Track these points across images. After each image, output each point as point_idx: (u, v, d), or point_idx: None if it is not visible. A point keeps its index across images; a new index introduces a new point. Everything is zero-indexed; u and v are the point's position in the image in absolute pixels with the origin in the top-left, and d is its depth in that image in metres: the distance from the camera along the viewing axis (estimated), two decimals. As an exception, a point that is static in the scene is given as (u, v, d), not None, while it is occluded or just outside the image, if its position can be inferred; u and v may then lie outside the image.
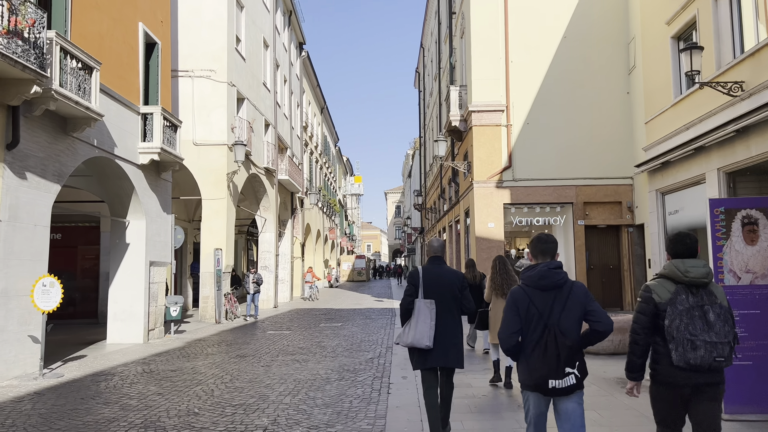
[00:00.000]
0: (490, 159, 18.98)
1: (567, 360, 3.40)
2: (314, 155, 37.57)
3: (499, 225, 18.78)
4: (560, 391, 3.42)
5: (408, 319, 5.07)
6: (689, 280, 3.39)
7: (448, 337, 5.01)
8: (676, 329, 3.31)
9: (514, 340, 3.55)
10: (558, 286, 3.55)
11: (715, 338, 3.28)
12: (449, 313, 5.06)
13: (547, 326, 3.46)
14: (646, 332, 3.48)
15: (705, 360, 3.26)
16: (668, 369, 3.39)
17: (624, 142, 19.03)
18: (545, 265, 3.60)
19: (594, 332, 3.52)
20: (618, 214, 19.03)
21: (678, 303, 3.35)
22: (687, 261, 3.46)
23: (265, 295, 23.41)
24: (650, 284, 3.59)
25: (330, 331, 14.94)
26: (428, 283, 5.09)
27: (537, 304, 3.52)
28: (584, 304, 3.54)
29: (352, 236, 69.91)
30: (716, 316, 3.31)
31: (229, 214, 18.46)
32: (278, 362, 10.08)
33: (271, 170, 23.21)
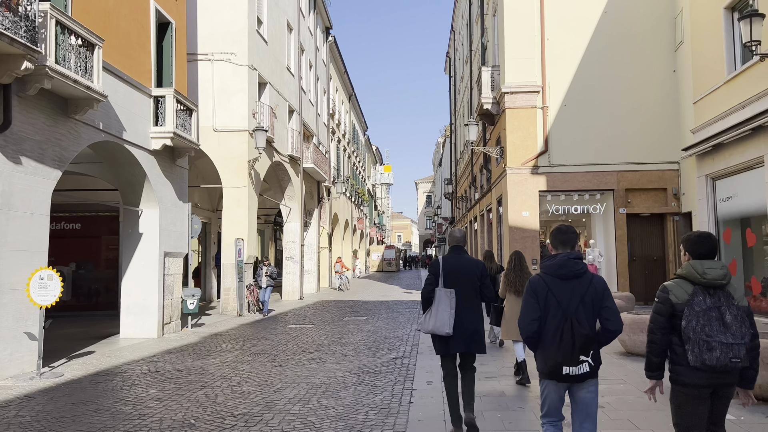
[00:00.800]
0: (524, 143, 17.86)
1: (582, 348, 3.47)
2: (342, 143, 36.80)
3: (534, 214, 17.68)
4: (574, 378, 3.51)
5: (429, 307, 5.21)
6: (707, 282, 3.38)
7: (468, 325, 5.12)
8: (692, 330, 3.31)
9: (535, 326, 3.60)
10: (577, 276, 3.62)
11: (731, 339, 3.26)
12: (469, 301, 5.16)
13: (565, 315, 3.52)
14: (663, 332, 3.47)
15: (721, 361, 3.25)
16: (687, 370, 3.38)
17: (669, 124, 17.68)
18: (565, 255, 3.66)
19: (604, 330, 3.58)
20: (663, 202, 17.72)
21: (695, 304, 3.34)
22: (705, 262, 3.44)
23: (291, 287, 22.80)
24: (668, 285, 3.55)
25: (353, 325, 14.15)
26: (448, 273, 5.20)
27: (555, 292, 3.59)
28: (602, 298, 3.59)
29: (382, 226, 69.14)
30: (733, 318, 3.30)
31: (251, 202, 17.79)
32: (294, 362, 9.31)
33: (296, 158, 22.48)
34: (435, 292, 5.19)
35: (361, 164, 48.84)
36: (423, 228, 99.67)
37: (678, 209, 17.52)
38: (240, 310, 16.97)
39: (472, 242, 30.23)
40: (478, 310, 5.25)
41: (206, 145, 17.48)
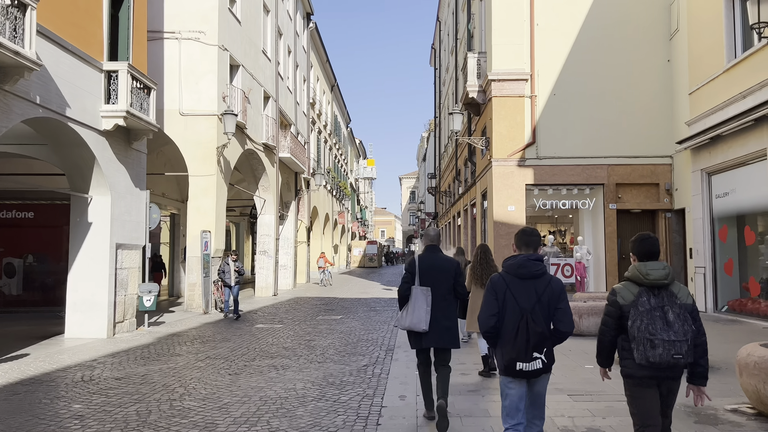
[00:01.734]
0: (511, 134, 16.91)
1: (536, 345, 3.60)
2: (323, 135, 35.63)
3: (520, 208, 16.76)
4: (527, 374, 3.63)
5: (405, 304, 5.36)
6: (650, 282, 3.53)
7: (443, 321, 5.28)
8: (637, 329, 3.45)
9: (492, 321, 3.72)
10: (535, 276, 3.75)
11: (673, 337, 3.40)
12: (444, 298, 5.31)
13: (522, 313, 3.64)
14: (612, 332, 3.66)
15: (664, 358, 3.39)
16: (634, 365, 3.53)
17: (663, 116, 16.84)
18: (525, 257, 3.81)
19: (556, 331, 3.73)
20: (654, 198, 16.90)
21: (640, 305, 3.49)
22: (648, 264, 3.60)
23: (264, 282, 21.69)
24: (616, 287, 3.71)
25: (326, 325, 13.10)
26: (424, 271, 5.34)
27: (514, 291, 3.72)
28: (558, 300, 3.73)
29: (364, 221, 68.06)
30: (675, 316, 3.44)
31: (219, 192, 16.63)
32: (251, 369, 8.23)
33: (271, 147, 21.31)
34: (411, 290, 5.34)
35: (344, 157, 47.69)
36: (407, 224, 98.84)
37: (670, 206, 16.70)
38: (206, 307, 15.82)
39: (455, 238, 29.32)
40: (452, 306, 5.40)
41: (172, 129, 16.29)
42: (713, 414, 5.56)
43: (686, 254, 16.27)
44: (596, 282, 17.29)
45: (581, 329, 10.65)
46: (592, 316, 10.64)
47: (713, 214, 14.68)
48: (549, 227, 24.27)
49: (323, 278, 28.41)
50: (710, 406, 5.79)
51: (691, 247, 15.59)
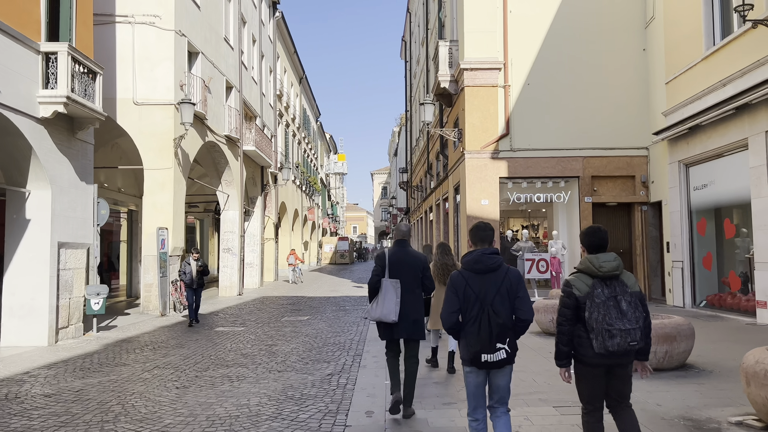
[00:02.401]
0: (484, 125, 16.29)
1: (498, 337, 3.71)
2: (291, 128, 34.63)
3: (493, 202, 16.17)
4: (492, 364, 3.73)
5: (375, 296, 5.50)
6: (603, 274, 3.66)
7: (412, 313, 5.45)
8: (595, 321, 3.59)
9: (455, 318, 3.84)
10: (492, 270, 3.85)
11: (628, 325, 3.56)
12: (412, 291, 5.48)
13: (482, 306, 3.75)
14: (570, 323, 3.75)
15: (621, 346, 3.55)
16: (590, 353, 3.66)
17: (639, 106, 16.43)
18: (481, 251, 3.92)
19: (517, 320, 3.82)
20: (630, 191, 16.48)
21: (595, 296, 3.62)
22: (600, 256, 3.73)
23: (228, 281, 20.74)
24: (570, 279, 3.80)
25: (291, 327, 12.30)
26: (394, 265, 5.50)
27: (473, 286, 3.82)
28: (516, 290, 3.83)
29: (336, 217, 67.13)
30: (628, 304, 3.61)
31: (177, 186, 15.64)
32: (203, 380, 7.41)
33: (234, 139, 20.34)
34: (381, 283, 5.48)
35: (313, 152, 46.70)
36: (379, 220, 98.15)
37: (647, 198, 16.31)
38: (163, 309, 14.86)
39: (427, 234, 28.70)
40: (419, 299, 5.58)
41: (125, 119, 15.25)
42: (716, 427, 4.97)
43: (663, 248, 15.90)
44: (572, 277, 16.80)
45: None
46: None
47: (691, 207, 14.30)
48: (522, 222, 23.82)
49: (294, 276, 27.58)
50: (712, 418, 5.20)
51: (668, 241, 15.21)
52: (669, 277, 15.09)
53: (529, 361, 7.84)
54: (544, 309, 10.19)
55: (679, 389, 6.26)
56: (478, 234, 4.04)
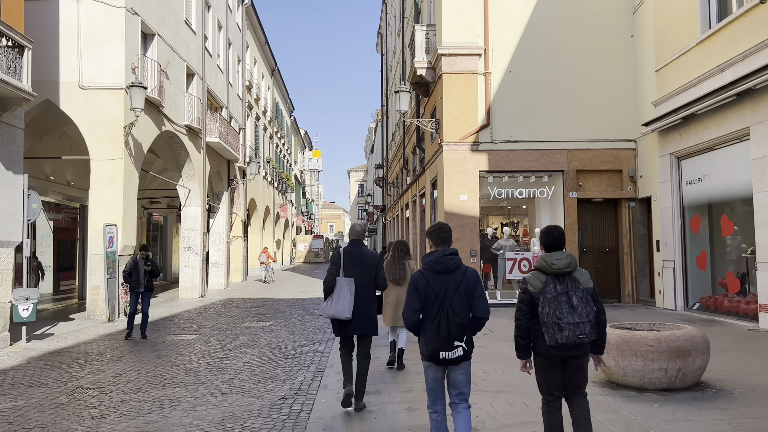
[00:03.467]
0: (463, 115, 15.19)
1: (456, 335, 3.82)
2: (261, 121, 33.20)
3: (473, 198, 15.08)
4: (450, 361, 3.86)
5: (330, 294, 5.65)
6: (555, 271, 3.87)
7: (365, 310, 5.65)
8: (546, 315, 3.79)
9: (416, 317, 3.95)
10: (451, 270, 3.98)
11: (577, 319, 3.74)
12: (366, 289, 5.69)
13: (441, 305, 3.88)
14: (527, 318, 3.94)
15: (570, 339, 3.74)
16: (544, 346, 3.88)
17: (626, 96, 15.49)
18: (441, 252, 4.04)
19: (474, 318, 3.95)
20: (617, 186, 15.54)
21: (547, 292, 3.83)
22: (553, 254, 3.94)
23: (189, 283, 19.34)
24: (526, 277, 4.02)
25: (249, 335, 11.04)
26: (348, 264, 5.68)
27: (433, 285, 3.93)
28: (473, 289, 3.97)
29: (311, 215, 65.69)
30: (579, 300, 3.80)
31: (128, 179, 14.24)
32: (127, 407, 6.14)
33: (196, 130, 18.94)
34: (336, 281, 5.61)
35: (287, 147, 45.26)
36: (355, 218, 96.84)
37: (634, 194, 15.37)
38: (110, 314, 13.46)
39: (403, 232, 27.55)
40: (373, 297, 5.75)
41: (70, 104, 13.81)
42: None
43: (652, 247, 14.99)
44: (555, 278, 15.81)
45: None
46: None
47: (683, 203, 13.38)
48: (501, 219, 22.80)
49: (266, 275, 26.27)
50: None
51: (658, 239, 14.29)
52: (659, 277, 14.17)
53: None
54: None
55: (701, 418, 5.19)
56: (438, 235, 4.14)
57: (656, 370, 6.05)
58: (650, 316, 12.54)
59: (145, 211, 23.54)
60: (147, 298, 11.21)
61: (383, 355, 8.30)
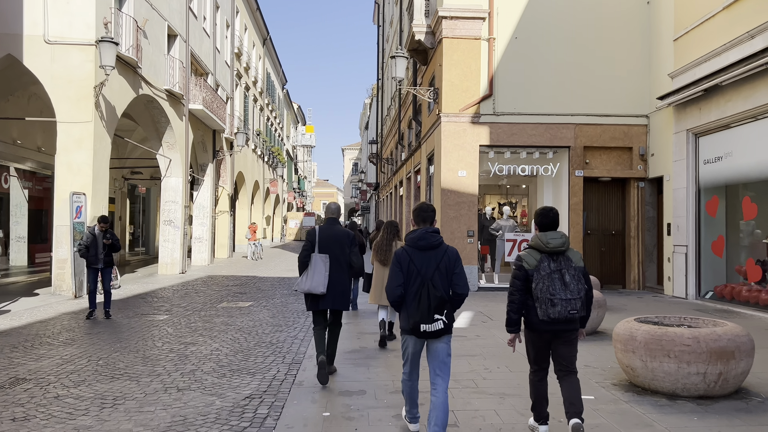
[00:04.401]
0: (464, 84, 14.08)
1: (436, 308, 3.93)
2: (252, 92, 31.88)
3: (472, 174, 14.04)
4: (430, 334, 3.96)
5: (305, 269, 5.80)
6: (550, 249, 4.06)
7: (338, 285, 5.80)
8: (540, 291, 3.98)
9: (399, 291, 4.03)
10: (434, 247, 4.10)
11: (569, 295, 3.96)
12: (339, 265, 5.84)
13: (423, 281, 3.98)
14: (521, 293, 4.13)
15: (561, 313, 3.94)
16: (537, 320, 4.08)
17: (640, 67, 14.40)
18: (424, 230, 4.16)
19: (454, 294, 4.06)
20: (627, 164, 14.52)
21: (542, 269, 4.02)
22: (548, 234, 4.13)
23: (169, 258, 18.28)
24: (521, 254, 4.19)
25: (225, 317, 10.05)
26: (323, 240, 5.84)
27: (416, 261, 4.05)
28: (454, 266, 4.08)
29: (303, 192, 64.50)
30: (571, 277, 3.99)
31: (98, 144, 13.09)
32: (59, 405, 5.14)
33: (178, 95, 17.72)
34: (311, 257, 5.79)
35: (278, 121, 43.92)
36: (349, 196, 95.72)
37: (645, 173, 14.37)
38: (77, 290, 12.42)
39: (397, 211, 26.53)
40: (346, 272, 5.91)
41: (34, 61, 12.62)
42: None
43: (661, 230, 14.04)
44: (557, 261, 14.86)
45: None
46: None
47: (699, 183, 12.39)
48: (499, 199, 21.79)
49: (254, 251, 25.23)
50: None
51: (669, 222, 13.32)
52: (668, 263, 13.24)
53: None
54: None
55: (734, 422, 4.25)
56: (421, 215, 4.24)
57: (693, 375, 5.09)
58: (660, 304, 11.63)
59: (126, 181, 22.36)
60: (108, 275, 10.05)
61: (370, 342, 7.36)
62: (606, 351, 7.10)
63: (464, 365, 6.44)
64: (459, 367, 6.26)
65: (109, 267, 9.94)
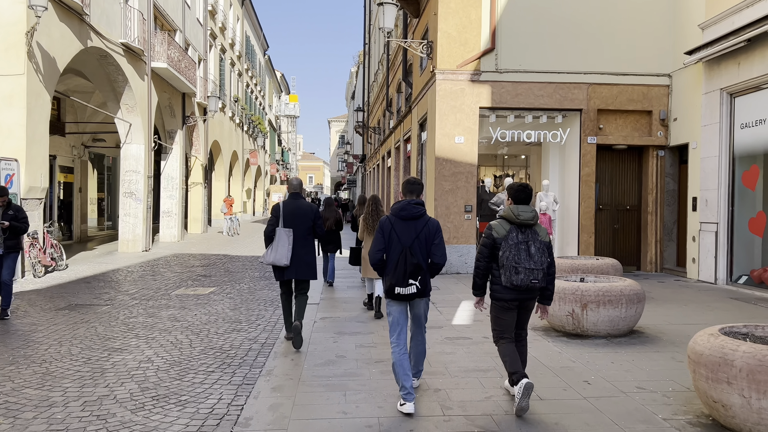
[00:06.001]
0: (462, 36, 12.21)
1: (411, 274, 4.20)
2: (229, 55, 29.62)
3: (471, 140, 12.27)
4: (404, 297, 4.25)
5: (270, 243, 6.10)
6: (520, 222, 4.28)
7: (302, 257, 6.10)
8: (506, 258, 4.22)
9: (380, 255, 4.33)
10: (414, 218, 4.34)
11: (533, 265, 4.20)
12: (304, 238, 6.14)
13: (402, 248, 4.24)
14: (487, 260, 4.37)
15: (524, 282, 4.20)
16: (501, 288, 4.33)
17: (663, 18, 12.60)
18: (407, 201, 4.40)
19: (431, 263, 4.36)
20: (645, 130, 12.81)
21: (510, 239, 4.24)
22: (520, 207, 4.34)
23: (130, 234, 16.40)
24: (492, 224, 4.41)
25: (175, 309, 8.29)
26: (287, 215, 6.14)
27: (397, 230, 4.31)
28: (433, 237, 4.34)
29: (286, 164, 62.33)
30: (536, 249, 4.23)
31: (34, 101, 11.10)
32: None
33: (137, 51, 15.62)
34: (276, 231, 6.07)
35: (260, 89, 41.62)
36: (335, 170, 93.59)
37: (665, 141, 12.67)
38: (8, 273, 10.55)
39: (385, 184, 24.70)
40: (311, 245, 6.24)
41: (-50, 1, 10.51)
42: None
43: (683, 205, 12.41)
44: (564, 240, 13.23)
45: (585, 326, 6.36)
46: (603, 307, 6.32)
47: (734, 151, 10.72)
48: (494, 171, 20.07)
49: (230, 226, 23.36)
50: None
51: (694, 196, 11.67)
52: (693, 243, 11.63)
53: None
54: (559, 297, 6.44)
55: None
56: (408, 187, 4.49)
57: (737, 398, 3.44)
58: (689, 291, 10.02)
59: (86, 149, 20.27)
60: (9, 263, 7.79)
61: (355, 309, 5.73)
62: (658, 364, 5.44)
63: (476, 385, 4.75)
64: (472, 391, 4.57)
65: (14, 252, 7.86)
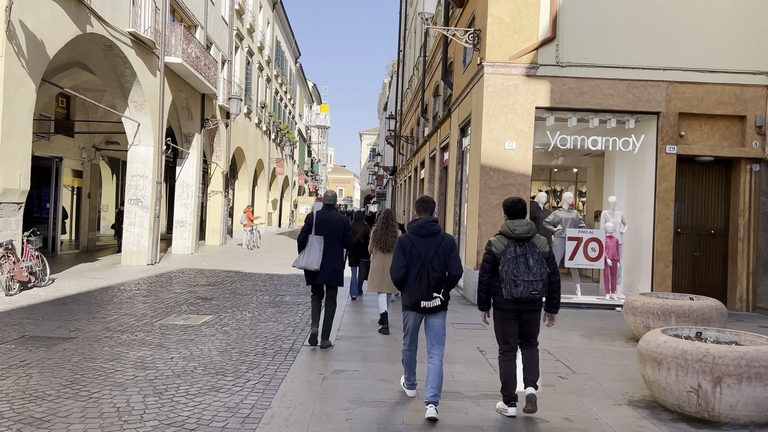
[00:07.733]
0: (516, 23, 10.27)
1: (434, 288, 4.50)
2: (257, 58, 28.20)
3: (525, 146, 10.25)
4: (429, 310, 4.55)
5: (303, 249, 6.59)
6: (516, 236, 4.50)
7: (332, 264, 6.62)
8: (505, 272, 4.43)
9: (402, 272, 4.60)
10: (432, 234, 4.66)
11: (532, 277, 4.39)
12: (333, 246, 6.67)
13: (423, 264, 4.54)
14: (489, 275, 4.61)
15: (524, 294, 4.38)
16: (502, 300, 4.53)
17: (762, 5, 10.45)
18: (425, 219, 4.72)
19: (449, 275, 4.63)
20: (736, 139, 10.62)
21: (508, 253, 4.46)
22: (515, 222, 4.57)
23: (135, 246, 14.78)
24: (491, 240, 4.65)
25: (150, 348, 6.46)
26: (320, 224, 6.67)
27: (417, 247, 4.61)
28: (450, 251, 4.64)
29: (316, 176, 60.92)
30: (535, 261, 4.43)
31: (13, 91, 9.53)
32: None
33: (148, 43, 14.09)
34: (308, 238, 6.58)
35: (290, 97, 40.25)
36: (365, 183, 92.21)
37: (762, 152, 10.46)
38: (-28, 290, 8.93)
39: (415, 198, 22.70)
40: (339, 254, 6.74)
41: None
42: None
43: (785, 231, 10.15)
44: (635, 269, 11.06)
45: (717, 410, 4.29)
46: (748, 383, 4.24)
47: None
48: (541, 185, 17.92)
49: (249, 239, 21.69)
50: None
51: (804, 220, 9.42)
52: (802, 278, 9.36)
53: None
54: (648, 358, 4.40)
55: None
56: (422, 205, 4.81)
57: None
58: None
59: (97, 152, 18.88)
60: None
61: None
62: None
63: None
64: None
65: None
